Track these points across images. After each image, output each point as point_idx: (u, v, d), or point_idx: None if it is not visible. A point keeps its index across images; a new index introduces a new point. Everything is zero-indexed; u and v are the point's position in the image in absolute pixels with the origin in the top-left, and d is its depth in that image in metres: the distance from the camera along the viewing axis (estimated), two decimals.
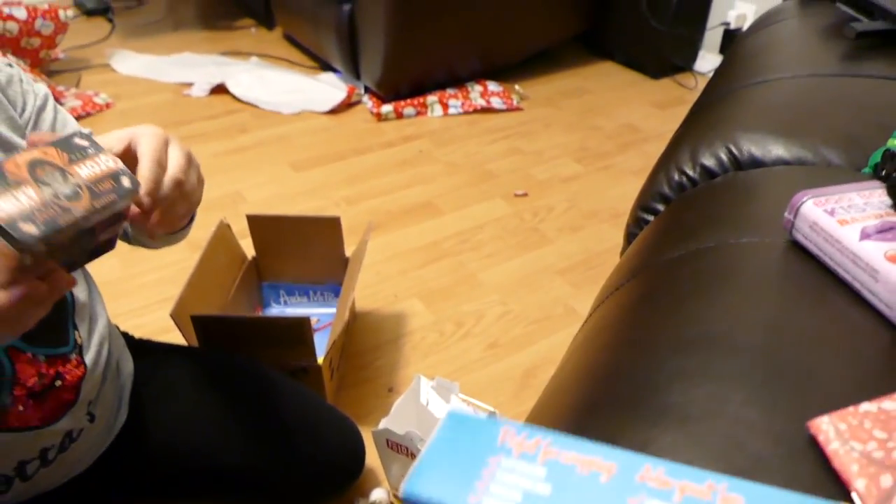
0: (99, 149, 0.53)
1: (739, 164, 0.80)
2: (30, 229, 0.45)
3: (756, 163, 0.79)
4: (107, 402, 0.79)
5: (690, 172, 0.84)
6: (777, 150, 0.79)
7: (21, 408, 0.66)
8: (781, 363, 0.45)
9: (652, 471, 0.23)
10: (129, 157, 0.56)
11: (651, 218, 0.87)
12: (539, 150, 1.95)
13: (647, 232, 0.80)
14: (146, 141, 0.56)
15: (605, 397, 0.48)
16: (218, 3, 3.05)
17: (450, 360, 1.24)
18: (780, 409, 0.42)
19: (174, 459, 0.87)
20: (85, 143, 0.52)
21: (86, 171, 0.50)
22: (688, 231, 0.68)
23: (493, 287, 1.42)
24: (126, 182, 0.52)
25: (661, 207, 0.87)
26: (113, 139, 0.56)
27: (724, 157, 0.82)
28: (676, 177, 0.85)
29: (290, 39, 2.65)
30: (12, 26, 2.06)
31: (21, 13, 2.07)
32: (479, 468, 0.24)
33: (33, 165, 0.48)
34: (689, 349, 0.48)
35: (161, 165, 0.56)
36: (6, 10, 2.05)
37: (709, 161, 0.83)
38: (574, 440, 0.25)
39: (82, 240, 0.51)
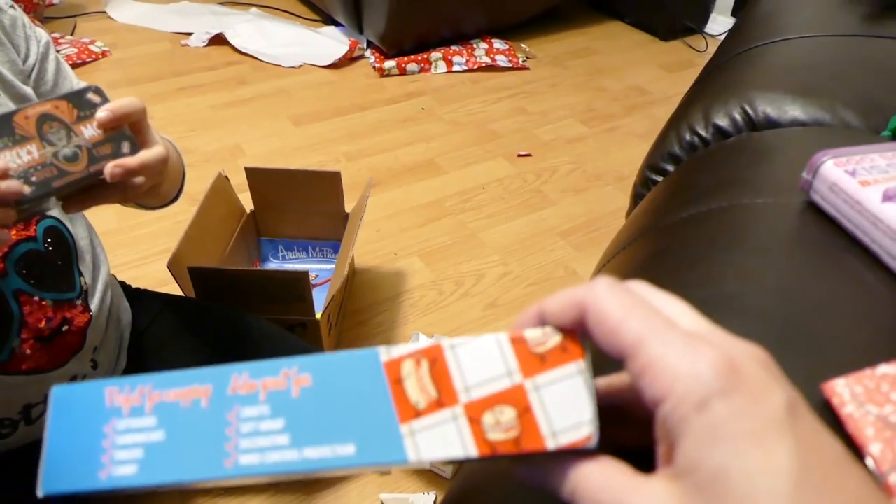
0: None
1: (754, 124, 0.78)
2: (23, 189, 0.48)
3: (771, 123, 0.76)
4: (109, 349, 0.79)
5: (703, 132, 0.82)
6: (794, 110, 0.76)
7: (29, 351, 0.67)
8: (795, 326, 0.44)
9: (239, 379, 0.24)
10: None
11: (660, 178, 0.85)
12: (544, 111, 1.91)
13: (655, 192, 0.78)
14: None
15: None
16: None
17: (448, 319, 1.23)
18: (793, 373, 0.40)
19: None
20: (97, 99, 0.53)
21: (90, 131, 0.51)
22: (699, 191, 0.66)
23: (494, 247, 1.41)
24: (126, 149, 0.53)
25: (670, 168, 0.85)
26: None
27: (738, 116, 0.79)
28: (688, 136, 0.83)
29: None
30: None
31: None
32: (99, 441, 0.24)
33: (42, 120, 0.49)
34: (699, 310, 0.47)
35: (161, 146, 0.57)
36: None
37: (722, 121, 0.80)
38: (172, 375, 0.24)
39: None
